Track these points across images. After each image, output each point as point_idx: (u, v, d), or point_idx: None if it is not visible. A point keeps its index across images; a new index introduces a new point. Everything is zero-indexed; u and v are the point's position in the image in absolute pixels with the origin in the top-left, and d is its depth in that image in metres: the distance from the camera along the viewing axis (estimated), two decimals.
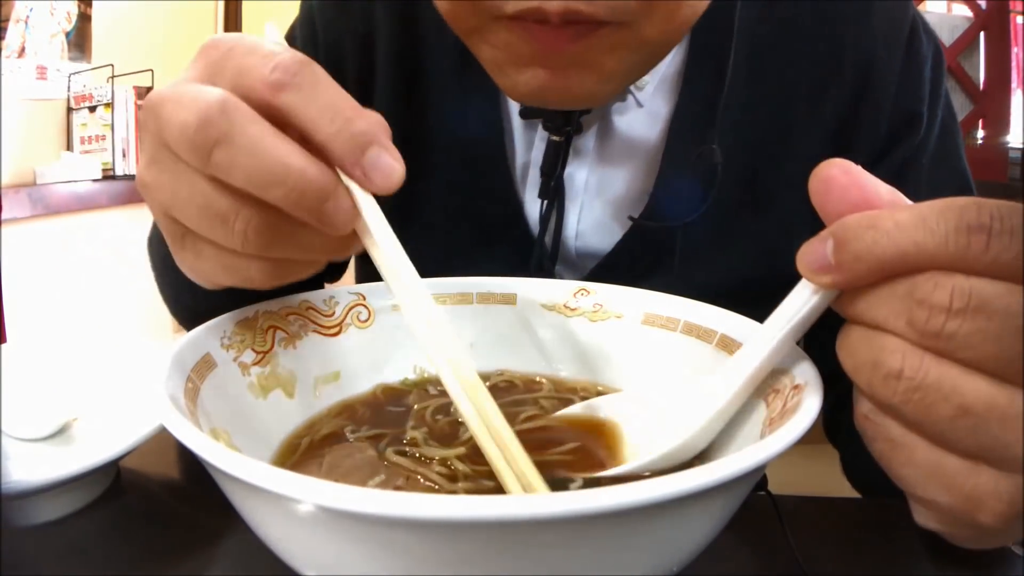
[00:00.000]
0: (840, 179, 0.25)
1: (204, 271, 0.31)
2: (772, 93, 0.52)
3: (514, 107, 0.56)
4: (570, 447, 0.34)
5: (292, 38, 0.62)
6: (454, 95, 0.57)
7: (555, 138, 0.52)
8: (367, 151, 0.27)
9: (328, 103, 0.27)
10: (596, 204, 0.56)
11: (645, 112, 0.54)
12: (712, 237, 0.53)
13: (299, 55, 0.27)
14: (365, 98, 0.59)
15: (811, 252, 0.25)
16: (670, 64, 0.54)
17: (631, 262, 0.55)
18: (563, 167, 0.54)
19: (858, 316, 0.25)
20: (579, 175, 0.56)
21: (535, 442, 0.34)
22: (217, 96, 0.26)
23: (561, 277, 0.56)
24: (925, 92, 0.52)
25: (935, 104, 0.53)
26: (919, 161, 0.53)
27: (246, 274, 0.30)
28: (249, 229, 0.27)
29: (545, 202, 0.54)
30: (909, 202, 0.25)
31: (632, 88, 0.53)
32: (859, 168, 0.25)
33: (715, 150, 0.50)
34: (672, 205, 0.52)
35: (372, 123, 0.27)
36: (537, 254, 0.55)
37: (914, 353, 0.23)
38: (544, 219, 0.55)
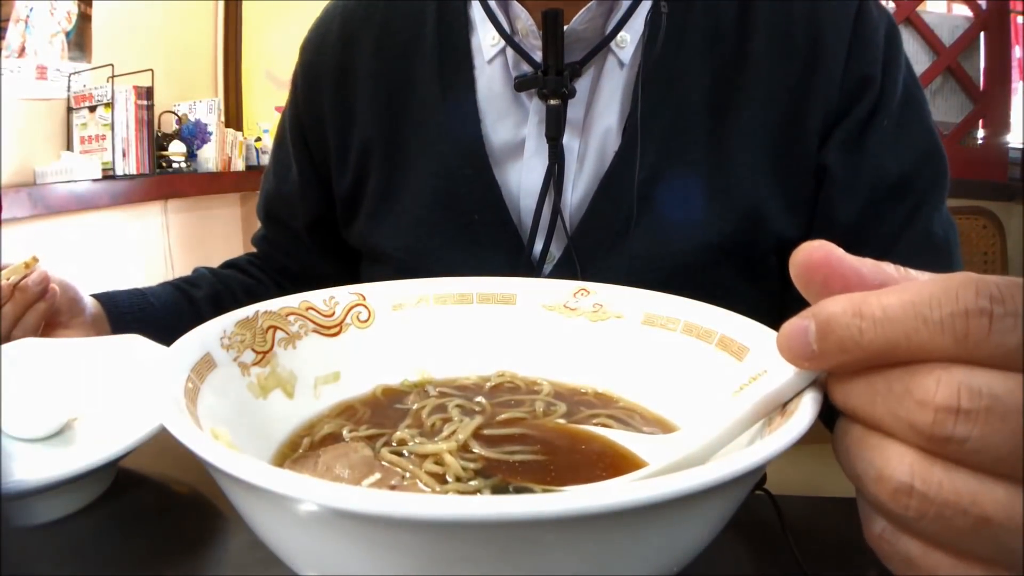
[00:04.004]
0: (820, 260, 0.23)
1: None
2: (730, 58, 0.56)
3: (488, 99, 0.60)
4: (525, 449, 0.34)
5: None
6: (434, 102, 0.61)
7: (553, 102, 0.55)
8: None
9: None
10: (585, 172, 0.59)
11: (625, 72, 0.57)
12: (680, 194, 0.56)
13: None
14: (346, 116, 0.65)
15: (792, 336, 0.23)
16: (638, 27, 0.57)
17: (606, 219, 0.57)
18: (562, 131, 0.56)
19: (852, 412, 0.23)
20: (572, 145, 0.58)
21: (502, 440, 0.35)
22: None
23: (554, 253, 0.59)
24: (878, 55, 0.55)
25: (893, 71, 0.56)
26: (879, 122, 0.55)
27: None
28: None
29: (545, 170, 0.57)
30: (894, 273, 0.23)
31: (613, 46, 0.57)
32: (837, 248, 0.24)
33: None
34: (642, 144, 0.55)
35: None
36: (535, 224, 0.57)
37: (923, 463, 0.21)
38: (544, 188, 0.57)
